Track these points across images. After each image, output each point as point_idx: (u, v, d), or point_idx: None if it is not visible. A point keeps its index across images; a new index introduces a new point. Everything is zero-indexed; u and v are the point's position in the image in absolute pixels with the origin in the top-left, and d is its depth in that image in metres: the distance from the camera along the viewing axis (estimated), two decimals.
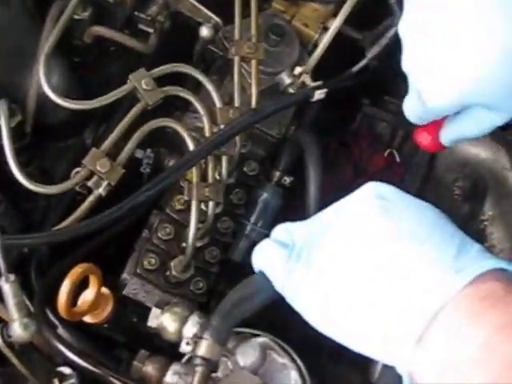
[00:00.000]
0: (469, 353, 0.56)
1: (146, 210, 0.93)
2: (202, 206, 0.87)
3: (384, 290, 0.62)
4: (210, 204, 0.85)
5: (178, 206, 0.93)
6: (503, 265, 0.61)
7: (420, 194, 1.09)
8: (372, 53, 0.93)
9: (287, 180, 1.01)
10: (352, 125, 1.24)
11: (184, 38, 0.95)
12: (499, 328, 0.56)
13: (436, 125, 0.85)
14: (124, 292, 0.89)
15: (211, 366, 0.70)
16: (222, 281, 0.98)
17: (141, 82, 0.81)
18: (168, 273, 0.90)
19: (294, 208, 1.04)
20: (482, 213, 1.00)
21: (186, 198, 0.85)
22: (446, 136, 0.83)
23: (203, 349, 0.70)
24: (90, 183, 0.79)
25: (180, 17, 0.95)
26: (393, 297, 0.62)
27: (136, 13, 0.90)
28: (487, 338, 0.56)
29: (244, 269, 0.90)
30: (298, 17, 1.02)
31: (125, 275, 0.92)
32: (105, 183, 0.79)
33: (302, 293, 0.68)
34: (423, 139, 0.87)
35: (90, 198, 0.78)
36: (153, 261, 0.91)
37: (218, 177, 0.89)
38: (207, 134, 0.85)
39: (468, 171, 1.01)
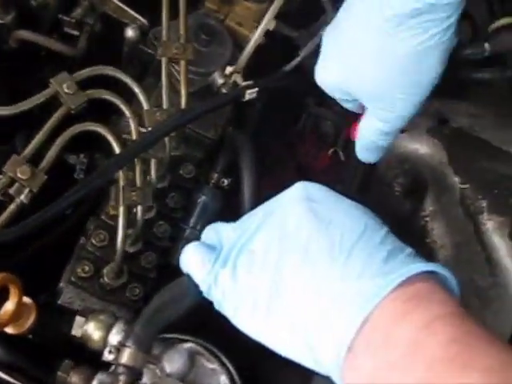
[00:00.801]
0: (396, 356, 0.55)
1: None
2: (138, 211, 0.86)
3: (312, 298, 0.61)
4: (139, 208, 0.84)
5: (112, 212, 0.91)
6: (432, 267, 0.60)
7: (362, 191, 1.08)
8: (305, 51, 0.92)
9: (225, 182, 1.00)
10: (297, 125, 1.24)
11: (115, 40, 0.93)
12: (422, 327, 0.55)
13: None
14: (59, 301, 0.88)
15: (135, 374, 0.69)
16: (161, 286, 0.96)
17: (62, 85, 0.80)
18: (102, 280, 0.88)
19: (233, 210, 1.03)
20: (422, 209, 0.99)
21: (112, 203, 0.83)
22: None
23: (126, 357, 0.69)
24: (11, 191, 0.77)
25: (109, 19, 0.93)
26: (321, 306, 0.60)
27: (61, 16, 0.88)
28: (412, 338, 0.55)
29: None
30: (232, 16, 1.01)
31: (61, 284, 0.91)
32: (26, 190, 0.77)
33: (228, 299, 0.66)
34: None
35: (12, 206, 0.76)
36: (86, 268, 0.89)
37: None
38: (134, 137, 0.83)
39: (407, 167, 1.00)
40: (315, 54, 0.96)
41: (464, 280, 0.94)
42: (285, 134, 1.22)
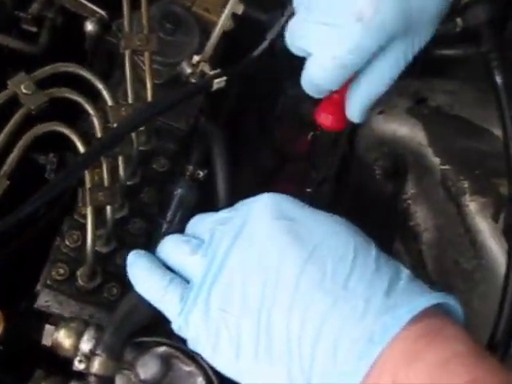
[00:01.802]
0: None
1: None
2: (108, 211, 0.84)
3: (310, 342, 0.56)
4: (108, 208, 0.81)
5: (85, 211, 0.89)
6: (436, 299, 0.56)
7: (342, 175, 1.06)
8: (271, 34, 0.89)
9: (201, 174, 0.97)
10: (275, 110, 1.21)
11: (78, 34, 0.90)
12: (438, 367, 0.51)
13: (332, 101, 0.81)
14: (35, 305, 0.86)
15: (107, 382, 0.67)
16: None
17: (20, 86, 0.77)
18: (77, 283, 0.86)
19: (210, 201, 1.00)
20: (404, 191, 0.97)
21: (80, 204, 0.80)
22: (354, 104, 0.76)
23: (96, 365, 0.67)
24: None
25: (69, 12, 0.90)
26: (322, 351, 0.55)
27: (17, 12, 0.85)
28: (427, 380, 0.51)
29: None
30: (199, 2, 0.97)
31: (38, 287, 0.89)
32: None
33: (204, 340, 0.62)
34: (324, 120, 0.83)
35: None
36: (61, 271, 0.87)
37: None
38: (98, 134, 0.80)
39: (387, 150, 0.97)
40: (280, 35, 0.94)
41: (448, 263, 0.92)
42: (263, 121, 1.20)
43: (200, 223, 0.72)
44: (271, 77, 1.09)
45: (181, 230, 0.95)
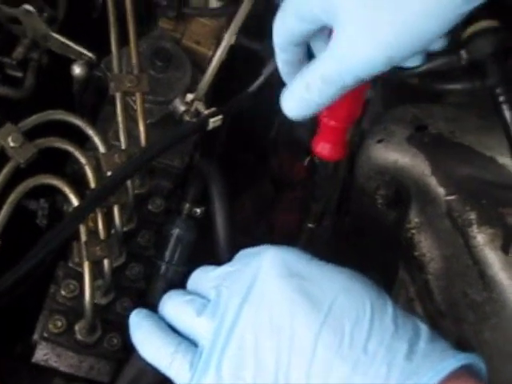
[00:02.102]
0: None
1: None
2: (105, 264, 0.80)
3: None
4: (106, 262, 0.78)
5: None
6: (459, 361, 0.54)
7: (343, 203, 1.03)
8: (267, 70, 0.85)
9: (198, 211, 0.94)
10: (270, 134, 1.18)
11: (64, 75, 0.87)
12: None
13: (330, 130, 0.79)
14: (33, 359, 0.83)
15: None
16: None
17: (7, 139, 0.73)
18: (75, 336, 0.83)
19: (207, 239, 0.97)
20: (407, 220, 0.94)
21: (76, 259, 0.77)
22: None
23: None
24: None
25: (55, 54, 0.86)
26: None
27: (0, 58, 0.81)
28: None
29: None
30: (188, 34, 0.94)
31: (35, 336, 0.86)
32: None
33: None
34: (322, 150, 0.81)
35: None
36: (59, 323, 0.84)
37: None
38: (92, 185, 0.77)
39: (388, 179, 0.94)
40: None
41: (457, 294, 0.90)
42: (257, 146, 1.17)
43: (203, 279, 0.68)
44: (265, 104, 1.06)
45: (180, 270, 0.93)
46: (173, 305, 0.67)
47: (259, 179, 1.11)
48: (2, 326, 0.80)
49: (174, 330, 0.66)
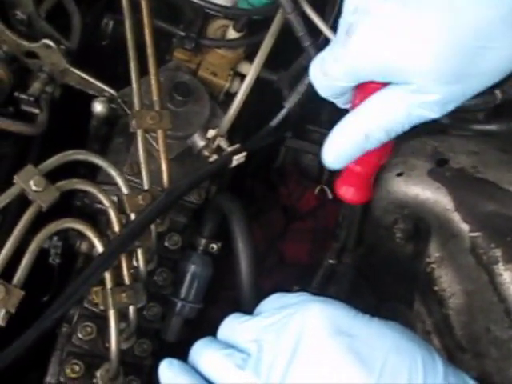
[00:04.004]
0: None
1: None
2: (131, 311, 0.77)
3: None
4: (131, 309, 0.75)
5: (97, 300, 0.82)
6: None
7: (359, 237, 1.01)
8: (290, 103, 0.83)
9: (214, 247, 0.91)
10: (276, 161, 1.15)
11: (78, 110, 0.83)
12: None
13: (354, 174, 0.76)
14: None
15: None
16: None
17: (29, 182, 0.69)
18: (95, 381, 0.80)
19: (224, 275, 0.95)
20: (427, 254, 0.92)
21: (101, 307, 0.74)
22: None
23: None
24: None
25: (70, 89, 0.83)
26: None
27: (16, 94, 0.77)
28: None
29: (179, 347, 0.81)
30: (205, 65, 0.91)
31: (48, 379, 0.84)
32: (3, 311, 0.67)
33: None
34: (345, 193, 0.77)
35: None
36: (77, 368, 0.81)
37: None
38: (116, 228, 0.74)
39: (407, 212, 0.93)
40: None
41: (479, 330, 0.88)
42: (265, 172, 1.14)
43: (238, 330, 0.66)
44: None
45: (196, 307, 0.90)
46: (210, 357, 0.64)
47: (269, 208, 1.08)
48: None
49: (207, 381, 0.63)
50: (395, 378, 0.55)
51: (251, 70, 0.80)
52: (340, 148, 0.63)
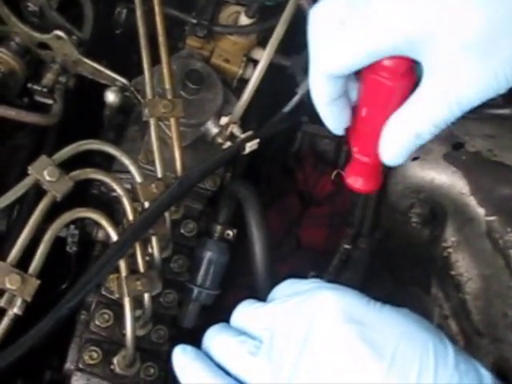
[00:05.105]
0: None
1: None
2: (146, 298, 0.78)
3: None
4: (146, 296, 0.76)
5: (114, 287, 0.83)
6: None
7: (375, 222, 1.01)
8: (303, 88, 0.83)
9: (230, 234, 0.92)
10: (292, 146, 1.15)
11: (91, 100, 0.84)
12: None
13: (362, 164, 0.75)
14: None
15: None
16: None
17: (43, 172, 0.70)
18: (112, 367, 0.81)
19: (240, 262, 0.95)
20: (443, 239, 0.92)
21: (116, 295, 0.75)
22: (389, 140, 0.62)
23: None
24: (1, 303, 0.68)
25: (83, 79, 0.83)
26: None
27: (30, 85, 0.78)
28: None
29: (196, 334, 0.82)
30: (218, 52, 0.91)
31: (68, 365, 0.85)
32: (19, 301, 0.68)
33: None
34: (354, 182, 0.76)
35: (5, 322, 0.68)
36: (94, 354, 0.82)
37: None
38: (130, 217, 0.74)
39: (423, 197, 0.92)
40: None
41: (496, 314, 0.88)
42: (282, 158, 1.14)
43: (251, 317, 0.66)
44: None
45: (213, 293, 0.91)
46: (223, 344, 0.65)
47: (286, 193, 1.08)
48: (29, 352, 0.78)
49: (220, 367, 0.64)
50: (406, 365, 0.55)
51: (264, 56, 0.79)
52: (395, 149, 0.62)
